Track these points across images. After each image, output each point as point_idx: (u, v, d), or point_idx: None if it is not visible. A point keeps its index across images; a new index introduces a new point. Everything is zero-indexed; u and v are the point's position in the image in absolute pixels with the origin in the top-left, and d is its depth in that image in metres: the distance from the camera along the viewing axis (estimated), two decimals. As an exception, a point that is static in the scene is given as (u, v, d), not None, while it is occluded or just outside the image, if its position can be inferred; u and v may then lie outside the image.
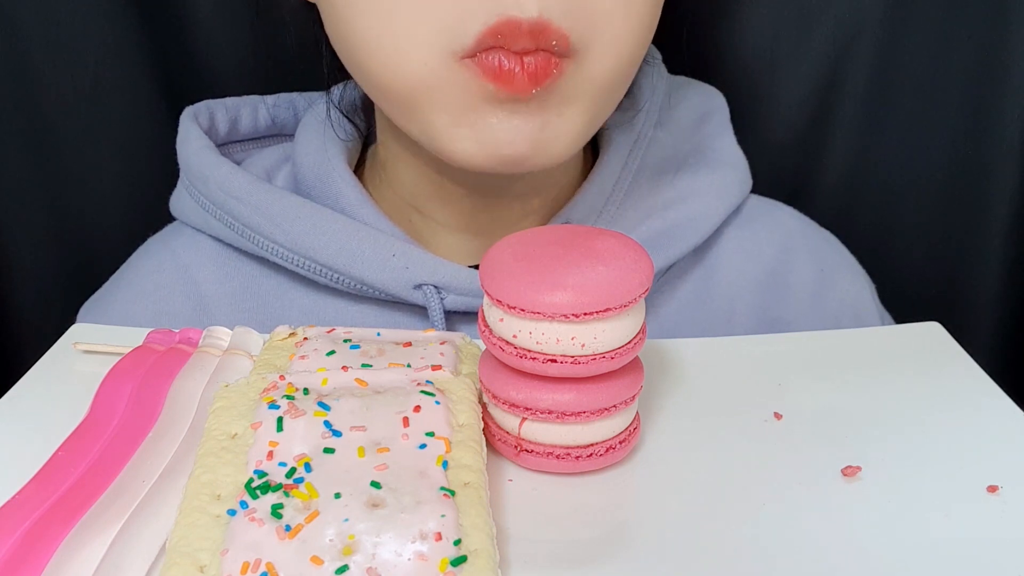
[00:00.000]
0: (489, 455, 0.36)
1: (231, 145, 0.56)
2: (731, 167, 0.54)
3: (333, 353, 0.39)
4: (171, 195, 0.55)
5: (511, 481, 0.36)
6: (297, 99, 0.58)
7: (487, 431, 0.37)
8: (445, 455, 0.33)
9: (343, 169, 0.51)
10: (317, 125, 0.53)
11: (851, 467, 0.36)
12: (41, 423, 0.38)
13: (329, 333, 0.41)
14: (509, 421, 0.36)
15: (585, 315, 0.33)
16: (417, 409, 0.35)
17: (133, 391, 0.39)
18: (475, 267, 0.48)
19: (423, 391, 0.35)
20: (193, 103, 0.55)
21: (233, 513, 0.30)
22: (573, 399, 0.35)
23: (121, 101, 0.63)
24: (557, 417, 0.35)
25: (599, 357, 0.34)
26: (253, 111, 0.57)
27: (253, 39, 0.62)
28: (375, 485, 0.31)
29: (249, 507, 0.30)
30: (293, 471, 0.32)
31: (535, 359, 0.34)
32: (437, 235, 0.51)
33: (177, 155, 0.53)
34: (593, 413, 0.35)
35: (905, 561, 0.32)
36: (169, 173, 0.54)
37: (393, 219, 0.50)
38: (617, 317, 0.34)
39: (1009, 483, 0.35)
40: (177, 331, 0.43)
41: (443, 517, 0.30)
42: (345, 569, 0.28)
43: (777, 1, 0.63)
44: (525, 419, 0.36)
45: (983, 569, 0.31)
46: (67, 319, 0.48)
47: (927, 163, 0.66)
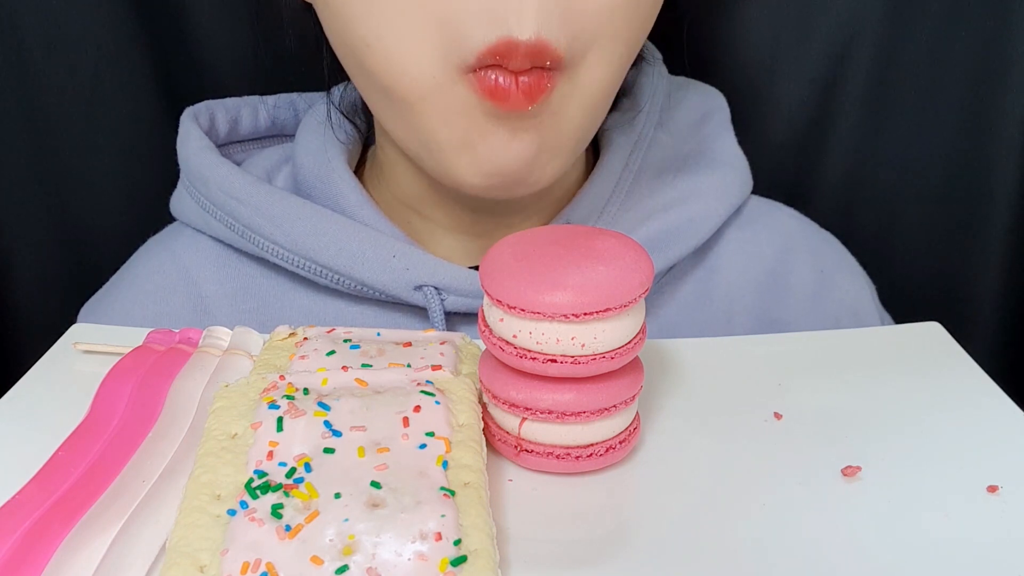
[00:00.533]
0: (489, 455, 0.36)
1: (231, 146, 0.56)
2: (731, 168, 0.54)
3: (333, 353, 0.39)
4: (171, 196, 0.55)
5: (511, 481, 0.36)
6: (297, 100, 0.58)
7: (487, 431, 0.37)
8: (445, 455, 0.33)
9: (343, 170, 0.51)
10: (317, 126, 0.53)
11: (851, 467, 0.36)
12: (41, 423, 0.38)
13: (329, 333, 0.41)
14: (509, 421, 0.36)
15: (585, 315, 0.33)
16: (417, 409, 0.35)
17: (133, 391, 0.39)
18: (475, 268, 0.48)
19: (423, 391, 0.35)
20: (193, 103, 0.55)
21: (233, 513, 0.30)
22: (573, 399, 0.35)
23: (121, 101, 0.63)
24: (557, 417, 0.35)
25: (599, 357, 0.34)
26: (253, 112, 0.57)
27: (253, 39, 0.62)
28: (375, 485, 0.31)
29: (249, 507, 0.30)
30: (293, 471, 0.32)
31: (535, 359, 0.34)
32: (437, 236, 0.51)
33: (177, 156, 0.53)
34: (593, 413, 0.35)
35: (905, 561, 0.32)
36: (169, 174, 0.54)
37: (393, 220, 0.50)
38: (617, 317, 0.34)
39: (1009, 483, 0.35)
40: (177, 331, 0.43)
41: (443, 517, 0.30)
42: (345, 569, 0.28)
43: (777, 1, 0.63)
44: (525, 419, 0.36)
45: (983, 569, 0.31)
46: (67, 319, 0.48)
47: (927, 163, 0.66)
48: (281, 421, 0.34)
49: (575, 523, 0.34)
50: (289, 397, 0.35)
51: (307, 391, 0.36)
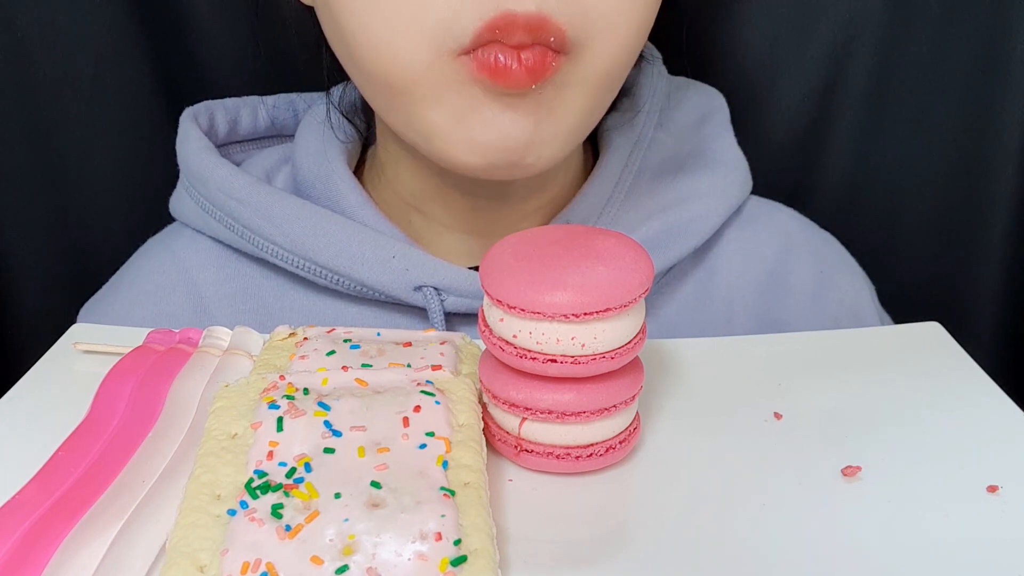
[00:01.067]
0: (489, 455, 0.36)
1: (231, 146, 0.56)
2: (731, 168, 0.54)
3: (333, 353, 0.39)
4: (171, 196, 0.55)
5: (511, 481, 0.36)
6: (297, 100, 0.58)
7: (487, 431, 0.37)
8: (445, 455, 0.33)
9: (343, 170, 0.51)
10: (317, 126, 0.53)
11: (851, 467, 0.36)
12: (41, 423, 0.38)
13: (329, 333, 0.41)
14: (509, 421, 0.36)
15: (585, 315, 0.33)
16: (417, 409, 0.35)
17: (133, 391, 0.39)
18: (475, 268, 0.48)
19: (423, 391, 0.35)
20: (193, 103, 0.55)
21: (233, 513, 0.30)
22: (573, 399, 0.35)
23: (121, 101, 0.63)
24: (557, 417, 0.35)
25: (599, 357, 0.34)
26: (253, 112, 0.57)
27: (253, 39, 0.62)
28: (375, 485, 0.31)
29: (249, 507, 0.30)
30: (293, 471, 0.32)
31: (535, 359, 0.34)
32: (437, 236, 0.51)
33: (177, 156, 0.53)
34: (593, 413, 0.35)
35: (905, 561, 0.32)
36: (169, 174, 0.54)
37: (393, 220, 0.50)
38: (617, 317, 0.34)
39: (1009, 483, 0.35)
40: (177, 331, 0.43)
41: (443, 517, 0.30)
42: (345, 569, 0.28)
43: (777, 1, 0.63)
44: (525, 419, 0.36)
45: (983, 569, 0.31)
46: (67, 319, 0.48)
47: (927, 163, 0.66)
48: (281, 421, 0.34)
49: (575, 523, 0.34)
50: (289, 397, 0.35)
51: (307, 391, 0.36)
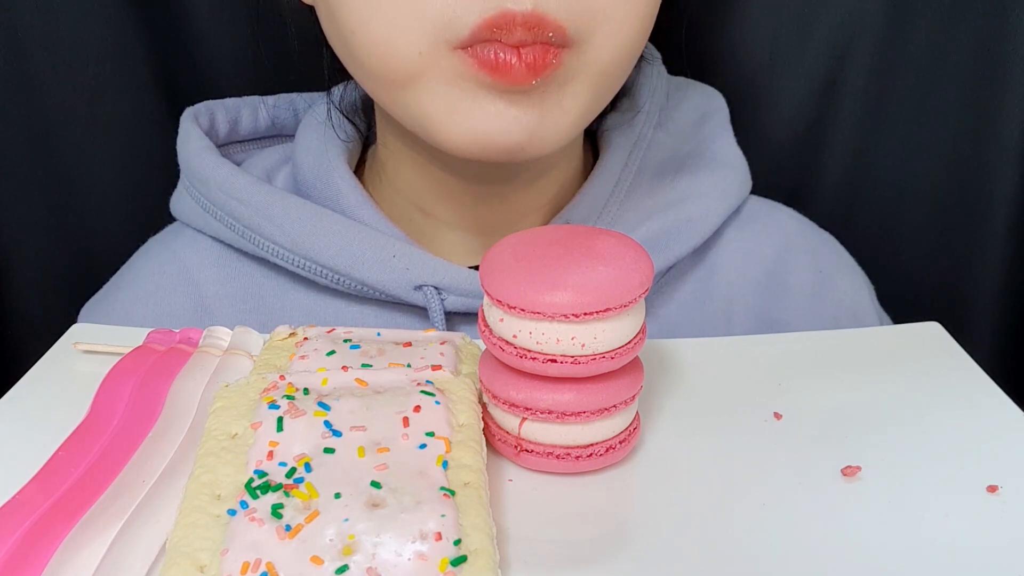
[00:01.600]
0: (489, 455, 0.36)
1: (231, 146, 0.56)
2: (731, 168, 0.54)
3: (333, 353, 0.39)
4: (171, 196, 0.55)
5: (511, 481, 0.36)
6: (297, 100, 0.58)
7: (487, 431, 0.37)
8: (445, 455, 0.33)
9: (343, 170, 0.51)
10: (317, 126, 0.53)
11: (851, 467, 0.36)
12: (41, 423, 0.38)
13: (329, 333, 0.41)
14: (509, 421, 0.36)
15: (585, 315, 0.33)
16: (417, 409, 0.35)
17: (133, 391, 0.39)
18: (475, 268, 0.48)
19: (423, 391, 0.35)
20: (193, 103, 0.55)
21: (233, 513, 0.30)
22: (573, 399, 0.35)
23: (121, 101, 0.63)
24: (557, 417, 0.35)
25: (599, 357, 0.34)
26: (253, 112, 0.57)
27: (253, 39, 0.62)
28: (375, 485, 0.31)
29: (249, 507, 0.30)
30: (293, 471, 0.32)
31: (535, 359, 0.34)
32: (438, 234, 0.51)
33: (177, 156, 0.53)
34: (593, 413, 0.35)
35: (905, 561, 0.32)
36: (169, 174, 0.54)
37: (393, 220, 0.50)
38: (617, 317, 0.34)
39: (1009, 483, 0.35)
40: (177, 331, 0.43)
41: (443, 517, 0.30)
42: (345, 569, 0.28)
43: (777, 1, 0.63)
44: (525, 419, 0.36)
45: (983, 569, 0.31)
46: (67, 319, 0.48)
47: (927, 163, 0.66)
48: (281, 421, 0.34)
49: (575, 523, 0.34)
50: (289, 397, 0.35)
51: (307, 391, 0.36)
